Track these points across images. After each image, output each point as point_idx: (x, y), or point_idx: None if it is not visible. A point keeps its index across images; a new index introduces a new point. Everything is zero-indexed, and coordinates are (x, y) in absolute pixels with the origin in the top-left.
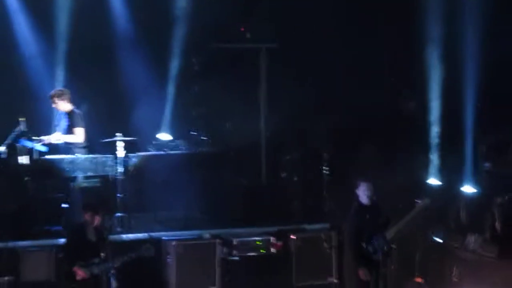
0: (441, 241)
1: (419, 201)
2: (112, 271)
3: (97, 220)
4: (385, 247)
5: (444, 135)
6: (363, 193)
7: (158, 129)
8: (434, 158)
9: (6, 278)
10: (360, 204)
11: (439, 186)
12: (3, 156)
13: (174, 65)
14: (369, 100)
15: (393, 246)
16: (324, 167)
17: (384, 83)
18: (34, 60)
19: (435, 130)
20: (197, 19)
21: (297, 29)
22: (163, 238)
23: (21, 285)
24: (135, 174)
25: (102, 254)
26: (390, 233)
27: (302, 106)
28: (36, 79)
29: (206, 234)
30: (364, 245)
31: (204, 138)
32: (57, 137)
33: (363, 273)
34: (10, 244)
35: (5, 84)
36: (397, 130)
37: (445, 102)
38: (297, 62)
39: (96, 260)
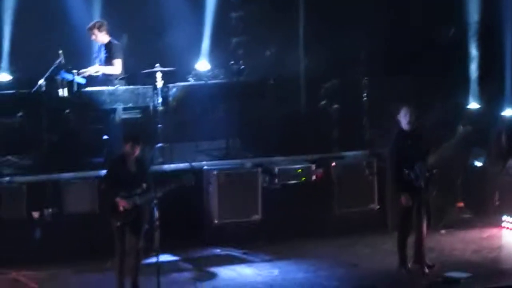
0: (482, 165)
1: (460, 127)
2: (155, 201)
3: (137, 150)
4: (427, 173)
5: (484, 60)
6: (404, 119)
7: (197, 59)
8: (474, 83)
9: (50, 209)
10: (402, 130)
11: (479, 110)
12: (43, 89)
13: None
14: (408, 28)
15: (435, 172)
16: (363, 95)
17: (422, 11)
18: None
19: (474, 54)
20: None
21: None
22: (205, 167)
23: (65, 217)
24: (175, 105)
25: (144, 185)
26: (431, 159)
27: (341, 33)
28: (74, 11)
29: (247, 163)
30: (406, 171)
31: (243, 67)
32: (95, 69)
33: (405, 199)
34: (53, 176)
35: (44, 17)
36: (437, 56)
37: (483, 27)
38: None
39: (138, 191)
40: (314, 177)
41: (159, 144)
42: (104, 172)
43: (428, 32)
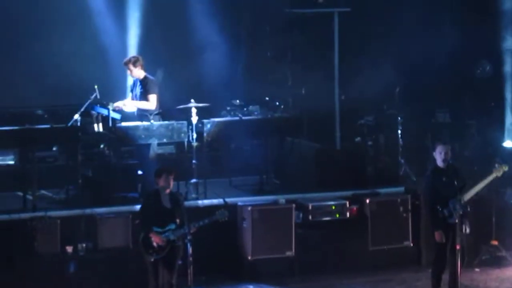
0: None
1: (496, 165)
2: (188, 237)
3: (171, 184)
4: (461, 210)
5: None
6: (439, 156)
7: (232, 95)
8: (510, 121)
9: (83, 244)
10: (437, 167)
11: None
12: (78, 123)
13: (248, 30)
14: (443, 65)
15: (469, 209)
16: (399, 131)
17: (459, 48)
18: (108, 28)
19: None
20: None
21: None
22: (239, 203)
23: (99, 251)
24: (209, 140)
25: (177, 220)
26: (466, 197)
27: (375, 70)
28: (111, 46)
29: (282, 199)
30: (440, 208)
31: (278, 103)
32: (131, 104)
33: (439, 236)
34: (88, 210)
35: (80, 52)
36: (473, 94)
37: None
38: (370, 26)
39: (172, 226)
40: (348, 214)
41: (194, 180)
42: (138, 207)
43: (465, 68)
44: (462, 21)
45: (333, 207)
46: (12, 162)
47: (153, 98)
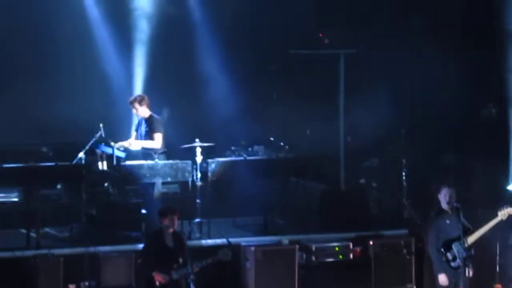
0: None
1: (501, 208)
2: (192, 276)
3: (175, 224)
4: (465, 254)
5: None
6: (444, 199)
7: (237, 135)
8: None
9: (86, 282)
10: (441, 209)
11: None
12: (82, 162)
13: (253, 71)
14: (449, 107)
15: (473, 252)
16: (403, 174)
17: (463, 90)
18: (114, 66)
19: None
20: (275, 25)
21: (375, 34)
22: (242, 243)
23: None
24: (214, 180)
25: (180, 260)
26: (470, 240)
27: (381, 112)
28: (117, 84)
29: (285, 239)
30: (443, 251)
31: (283, 144)
32: (136, 143)
33: (442, 279)
34: (91, 249)
35: (86, 90)
36: (477, 137)
37: None
38: (376, 68)
39: (175, 266)
40: (351, 255)
41: (197, 219)
42: (141, 246)
43: (471, 111)
44: (468, 63)
45: (337, 249)
46: (16, 199)
47: (158, 137)
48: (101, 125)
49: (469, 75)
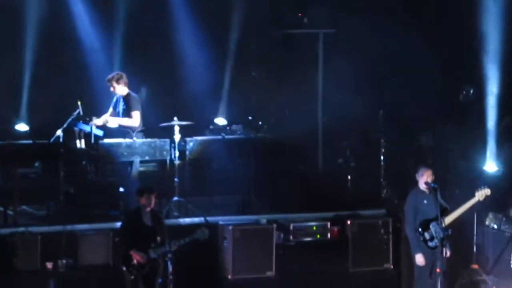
0: (498, 228)
1: (478, 189)
2: (169, 255)
3: (152, 202)
4: (442, 234)
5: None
6: (422, 179)
7: (215, 114)
8: (492, 145)
9: (64, 261)
10: (419, 190)
11: (497, 173)
12: (60, 140)
13: (232, 50)
14: (427, 88)
15: (450, 232)
16: (381, 154)
17: (441, 72)
18: (92, 45)
19: (494, 116)
20: (255, 5)
21: (354, 14)
22: (220, 222)
23: (79, 268)
24: (192, 159)
25: (158, 238)
26: (447, 220)
27: (358, 91)
28: (93, 62)
29: (263, 219)
30: (421, 231)
31: (261, 123)
32: (113, 120)
33: (419, 259)
34: (69, 227)
35: (62, 68)
36: (455, 118)
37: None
38: (354, 47)
39: (153, 245)
40: (329, 235)
41: (175, 198)
42: (119, 224)
43: (448, 91)
44: (446, 45)
45: (315, 228)
46: None
47: (136, 115)
48: (79, 103)
49: (447, 56)
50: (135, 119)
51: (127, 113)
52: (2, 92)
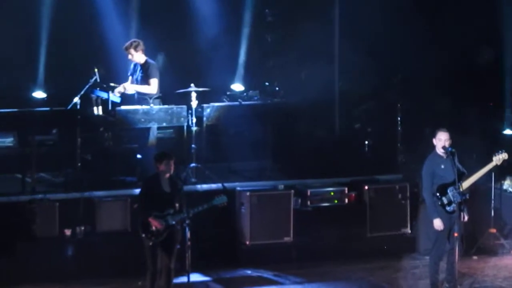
0: None
1: (495, 153)
2: (187, 221)
3: (170, 168)
4: (460, 198)
5: None
6: (439, 143)
7: (232, 80)
8: (510, 108)
9: (82, 227)
10: (436, 154)
11: None
12: (77, 107)
13: (248, 15)
14: (444, 52)
15: (468, 197)
16: (398, 119)
17: (460, 35)
18: (109, 12)
19: (510, 80)
20: None
21: None
22: (237, 188)
23: (97, 235)
24: (209, 125)
25: (176, 205)
26: (465, 184)
27: (376, 56)
28: (111, 29)
29: (280, 184)
30: (438, 195)
31: (278, 89)
32: (131, 88)
33: (437, 223)
34: (86, 194)
35: (79, 35)
36: (473, 81)
37: None
38: (372, 12)
39: (171, 211)
40: (346, 200)
41: (193, 164)
42: (137, 191)
43: (465, 55)
44: (463, 7)
45: (332, 193)
46: (11, 145)
47: (154, 82)
48: (96, 69)
49: (465, 18)
50: (153, 86)
51: (145, 80)
52: (19, 59)
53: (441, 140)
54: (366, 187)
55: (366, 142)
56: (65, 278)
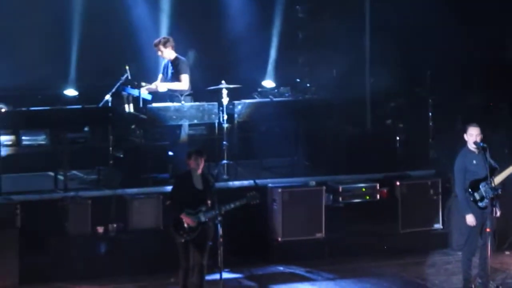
0: None
1: None
2: (219, 218)
3: (201, 165)
4: (492, 194)
5: None
6: (471, 138)
7: (263, 76)
8: None
9: (114, 225)
10: (468, 149)
11: None
12: (109, 104)
13: (279, 11)
14: (476, 46)
15: (500, 192)
16: (429, 114)
17: (493, 30)
18: (140, 9)
19: None
20: None
21: None
22: (269, 185)
23: (129, 232)
24: (240, 122)
25: (208, 202)
26: (497, 180)
27: (407, 51)
28: (141, 27)
29: (312, 181)
30: (470, 191)
31: (309, 85)
32: (162, 86)
33: (470, 219)
34: (119, 191)
35: (110, 33)
36: (504, 76)
37: None
38: (402, 6)
39: (203, 208)
40: (378, 196)
41: (224, 161)
42: (169, 188)
43: (496, 50)
44: (495, 0)
45: (363, 190)
46: (43, 142)
47: (185, 78)
48: (127, 67)
49: (497, 13)
50: (184, 83)
51: (175, 77)
52: (51, 57)
53: (473, 135)
54: (398, 183)
55: (398, 138)
56: (97, 275)
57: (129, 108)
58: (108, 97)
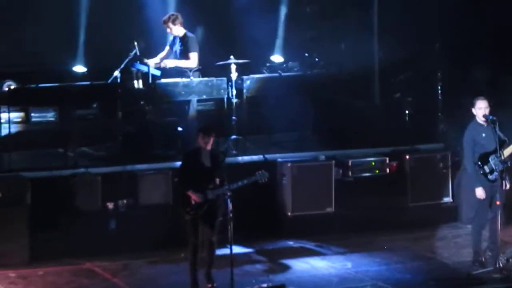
0: None
1: None
2: (228, 194)
3: (211, 141)
4: (501, 167)
5: None
6: (479, 111)
7: (271, 51)
8: None
9: (124, 200)
10: (476, 123)
11: None
12: (118, 80)
13: None
14: (483, 19)
15: (509, 165)
16: (438, 87)
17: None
18: None
19: None
20: None
21: None
22: (278, 160)
23: (139, 208)
24: (249, 97)
25: (217, 180)
26: (506, 152)
27: (415, 25)
28: (149, 3)
29: (321, 155)
30: (480, 164)
31: (317, 60)
32: (171, 63)
33: (480, 192)
34: (128, 167)
35: (119, 9)
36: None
37: None
38: None
39: (211, 186)
40: (387, 170)
41: (233, 136)
42: (178, 164)
43: (505, 23)
44: None
45: (373, 164)
46: (52, 119)
47: (194, 56)
48: (135, 43)
49: None
50: (192, 60)
51: (184, 54)
52: (59, 33)
53: (481, 108)
54: (407, 157)
55: (407, 112)
56: (108, 251)
57: (138, 84)
58: (117, 73)
